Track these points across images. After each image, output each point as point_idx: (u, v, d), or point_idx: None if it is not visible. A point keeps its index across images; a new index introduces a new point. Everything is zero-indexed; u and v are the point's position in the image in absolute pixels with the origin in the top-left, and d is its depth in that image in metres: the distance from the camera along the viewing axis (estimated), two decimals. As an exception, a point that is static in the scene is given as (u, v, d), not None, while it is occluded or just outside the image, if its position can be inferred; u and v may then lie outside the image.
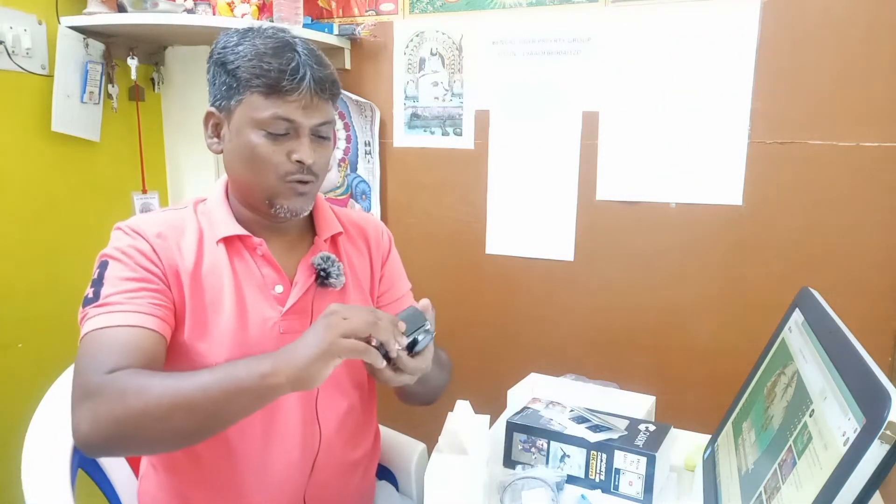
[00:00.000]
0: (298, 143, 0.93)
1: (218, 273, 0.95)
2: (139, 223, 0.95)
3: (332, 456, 1.02)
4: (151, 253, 0.93)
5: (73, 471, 1.05)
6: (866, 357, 0.64)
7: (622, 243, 1.68)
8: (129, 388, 0.80)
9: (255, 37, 0.92)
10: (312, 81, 0.90)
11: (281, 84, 0.89)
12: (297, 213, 0.98)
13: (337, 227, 1.07)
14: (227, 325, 0.94)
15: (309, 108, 0.92)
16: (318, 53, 0.94)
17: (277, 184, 0.94)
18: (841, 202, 1.47)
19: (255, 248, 0.98)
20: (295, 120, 0.91)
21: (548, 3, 1.66)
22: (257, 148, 0.92)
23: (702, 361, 1.63)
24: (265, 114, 0.91)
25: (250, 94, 0.91)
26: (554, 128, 1.70)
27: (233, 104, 0.93)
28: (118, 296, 0.88)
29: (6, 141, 1.57)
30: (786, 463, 0.70)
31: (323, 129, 0.95)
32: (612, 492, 1.01)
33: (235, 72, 0.91)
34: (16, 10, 1.54)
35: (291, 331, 0.97)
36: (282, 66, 0.89)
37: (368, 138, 1.89)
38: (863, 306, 1.47)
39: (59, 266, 1.70)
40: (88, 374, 0.83)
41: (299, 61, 0.90)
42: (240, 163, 0.95)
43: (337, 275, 1.00)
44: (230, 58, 0.91)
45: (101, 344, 0.85)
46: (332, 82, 0.94)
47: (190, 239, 0.97)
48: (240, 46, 0.91)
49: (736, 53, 1.50)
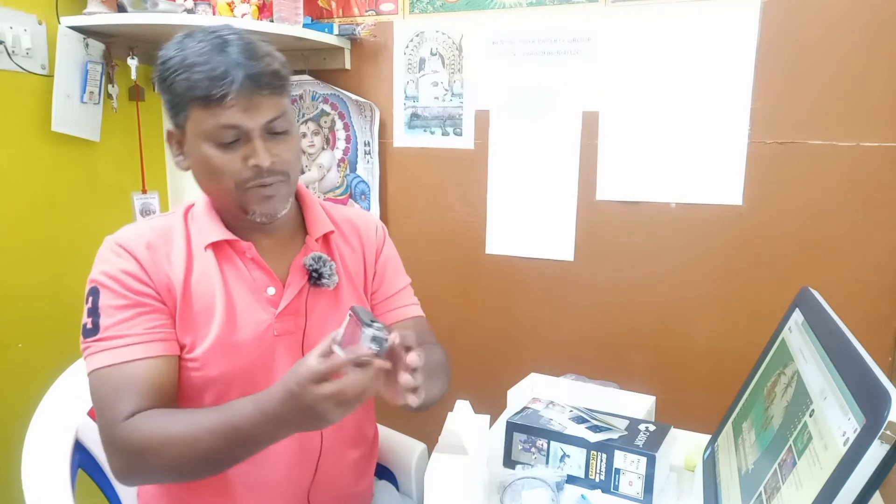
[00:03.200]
0: (251, 146, 0.89)
1: (208, 280, 0.94)
2: (127, 238, 0.94)
3: (333, 456, 1.02)
4: (140, 272, 0.91)
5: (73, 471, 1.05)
6: (866, 357, 0.64)
7: (622, 243, 1.68)
8: (144, 448, 0.84)
9: (186, 46, 0.88)
10: (246, 80, 0.85)
11: (212, 92, 0.85)
12: (273, 216, 0.95)
13: (328, 226, 1.05)
14: (220, 331, 0.93)
15: (250, 108, 0.87)
16: (254, 47, 0.88)
17: (241, 192, 0.91)
18: (841, 202, 1.47)
19: (243, 252, 0.97)
20: (239, 125, 0.87)
21: (548, 3, 1.66)
22: (212, 160, 0.89)
23: (702, 361, 1.63)
24: (208, 125, 0.87)
25: (191, 108, 0.88)
26: (554, 128, 1.70)
27: (181, 120, 0.91)
28: (117, 327, 0.88)
29: (6, 141, 1.57)
30: (786, 463, 0.70)
31: (276, 124, 0.90)
32: (612, 492, 1.01)
33: (172, 88, 0.88)
34: (16, 10, 1.54)
35: (286, 332, 0.97)
36: (209, 73, 0.85)
37: (368, 138, 1.89)
38: (863, 306, 1.47)
39: (59, 266, 1.70)
40: (107, 421, 0.87)
41: (228, 63, 0.85)
42: (203, 177, 0.93)
43: (329, 274, 0.99)
44: (165, 74, 0.88)
45: (112, 387, 0.87)
46: (271, 73, 0.88)
47: (179, 247, 0.96)
48: (173, 60, 0.88)
49: (736, 53, 1.50)
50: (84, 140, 1.73)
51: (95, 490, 1.11)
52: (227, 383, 0.94)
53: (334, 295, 1.02)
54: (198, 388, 0.94)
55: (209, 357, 0.92)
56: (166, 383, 0.90)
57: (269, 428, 0.80)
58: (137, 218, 1.87)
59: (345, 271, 1.05)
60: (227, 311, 0.94)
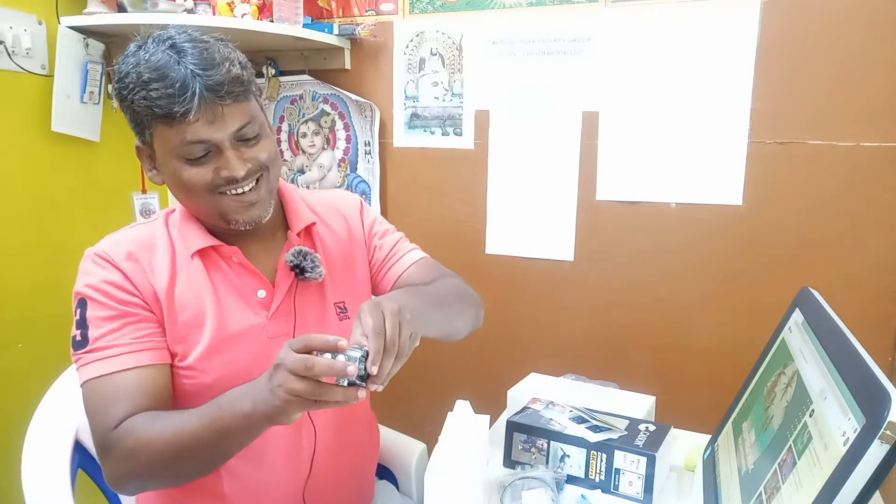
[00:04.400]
0: (223, 158, 0.87)
1: (197, 288, 0.94)
2: (108, 249, 0.93)
3: (330, 456, 1.02)
4: (125, 282, 0.91)
5: (73, 471, 1.05)
6: (866, 357, 0.64)
7: (622, 243, 1.68)
8: (135, 448, 0.83)
9: (140, 59, 0.84)
10: (206, 92, 0.82)
11: (174, 110, 0.82)
12: (256, 222, 0.93)
13: (309, 218, 1.03)
14: (212, 338, 0.93)
15: (215, 121, 0.84)
16: (208, 54, 0.84)
17: (219, 201, 0.90)
18: (841, 202, 1.47)
19: (230, 256, 0.96)
20: (207, 139, 0.85)
21: (548, 3, 1.66)
22: (184, 175, 0.87)
23: (702, 361, 1.63)
24: (175, 142, 0.85)
25: (155, 126, 0.85)
26: (554, 128, 1.70)
27: (148, 137, 0.88)
28: (105, 338, 0.88)
29: (6, 141, 1.57)
30: (786, 463, 0.70)
31: (246, 131, 0.88)
32: (612, 492, 1.01)
33: (132, 107, 0.85)
34: (16, 10, 1.54)
35: (279, 334, 0.96)
36: (167, 90, 0.81)
37: (368, 138, 1.89)
38: (863, 306, 1.47)
39: (59, 266, 1.70)
40: (98, 430, 0.87)
41: (185, 76, 0.81)
42: (178, 192, 0.92)
43: (312, 267, 0.97)
44: (124, 93, 0.85)
45: (102, 396, 0.87)
46: (232, 80, 0.84)
47: (162, 256, 0.94)
48: (128, 77, 0.84)
49: (736, 53, 1.50)
50: (84, 140, 1.73)
51: (95, 490, 1.11)
52: (223, 389, 0.92)
53: (320, 289, 1.01)
54: (193, 395, 0.93)
55: (203, 364, 0.92)
56: (158, 391, 0.90)
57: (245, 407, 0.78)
58: (137, 218, 1.87)
59: (331, 261, 1.04)
60: (218, 317, 0.93)
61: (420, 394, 1.84)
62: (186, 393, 0.93)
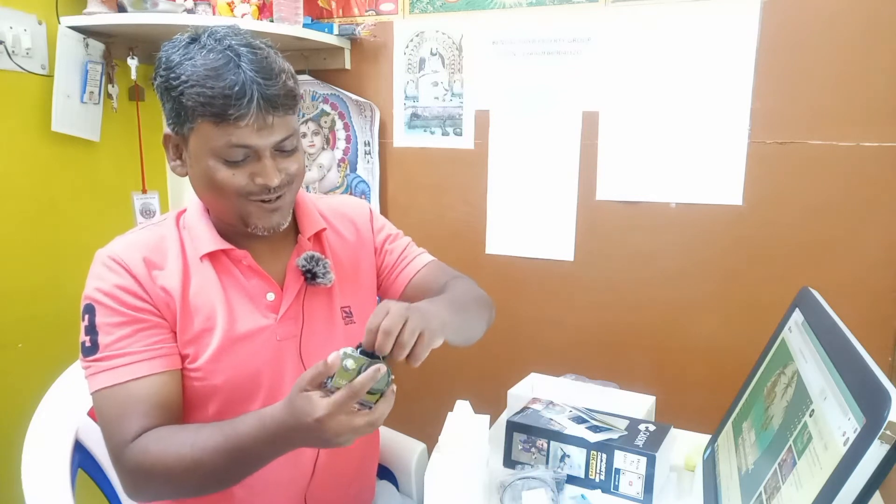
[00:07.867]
0: (260, 165, 0.87)
1: (207, 291, 0.94)
2: (121, 252, 0.92)
3: (332, 457, 1.02)
4: (137, 287, 0.90)
5: (73, 471, 1.05)
6: (866, 357, 0.64)
7: (622, 243, 1.68)
8: (153, 471, 0.83)
9: (195, 53, 0.84)
10: (262, 101, 0.83)
11: (228, 112, 0.82)
12: (275, 229, 0.94)
13: (320, 224, 1.04)
14: (222, 340, 0.93)
15: (264, 128, 0.85)
16: (266, 63, 0.85)
17: (245, 205, 0.90)
18: (841, 202, 1.47)
19: (240, 260, 0.96)
20: (251, 144, 0.85)
21: (548, 3, 1.66)
22: (218, 175, 0.87)
23: (702, 361, 1.63)
24: (219, 143, 0.85)
25: (200, 122, 0.85)
26: (554, 128, 1.70)
27: (186, 130, 0.87)
28: (116, 345, 0.88)
29: (6, 141, 1.57)
30: (786, 463, 0.70)
31: (286, 143, 0.89)
32: (612, 492, 1.01)
33: (180, 98, 0.84)
34: (16, 10, 1.54)
35: (287, 336, 0.97)
36: (226, 91, 0.81)
37: (368, 138, 1.89)
38: (863, 306, 1.47)
39: (59, 266, 1.70)
40: (113, 441, 0.87)
41: (244, 80, 0.82)
42: (204, 189, 0.91)
43: (324, 273, 0.98)
44: (173, 83, 0.84)
45: (117, 407, 0.87)
46: (286, 94, 0.86)
47: (174, 258, 0.94)
48: (181, 67, 0.83)
49: (736, 53, 1.50)
50: (84, 140, 1.73)
51: (95, 490, 1.12)
52: (232, 391, 0.93)
53: (328, 294, 1.02)
54: (202, 397, 0.93)
55: (213, 367, 0.92)
56: (171, 398, 0.90)
57: (272, 447, 0.80)
58: (138, 218, 1.87)
59: (340, 267, 1.04)
60: (228, 319, 0.93)
61: (420, 394, 1.84)
62: (195, 394, 0.93)
